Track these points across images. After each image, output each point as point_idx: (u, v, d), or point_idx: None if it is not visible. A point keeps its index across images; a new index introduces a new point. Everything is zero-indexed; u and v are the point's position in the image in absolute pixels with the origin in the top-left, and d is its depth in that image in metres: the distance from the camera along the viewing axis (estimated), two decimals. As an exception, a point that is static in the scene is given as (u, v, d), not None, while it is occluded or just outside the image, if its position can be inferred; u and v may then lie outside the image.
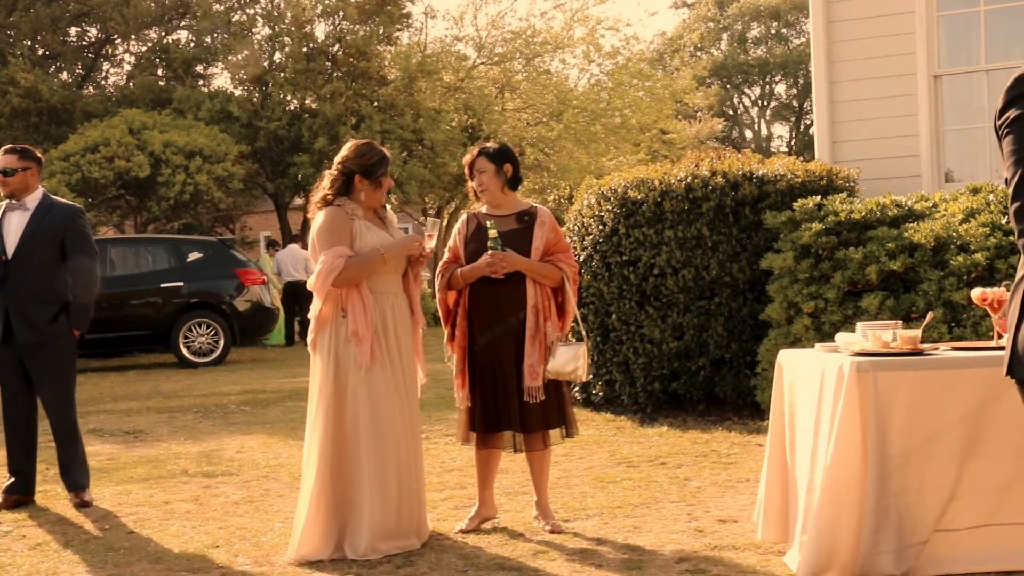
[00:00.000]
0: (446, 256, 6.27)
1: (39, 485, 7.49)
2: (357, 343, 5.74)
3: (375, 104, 26.84)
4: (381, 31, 27.39)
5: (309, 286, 5.90)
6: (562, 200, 31.59)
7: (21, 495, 7.29)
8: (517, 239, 6.13)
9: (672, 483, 7.17)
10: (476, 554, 5.71)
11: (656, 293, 9.56)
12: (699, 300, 9.44)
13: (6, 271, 7.13)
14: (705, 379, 9.52)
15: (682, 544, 5.70)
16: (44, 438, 7.55)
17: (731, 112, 57.12)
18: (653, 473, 7.50)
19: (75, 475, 7.32)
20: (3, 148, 7.43)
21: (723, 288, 9.40)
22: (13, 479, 7.29)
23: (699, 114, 45.73)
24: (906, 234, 8.53)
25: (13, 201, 7.28)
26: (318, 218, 5.94)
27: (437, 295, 6.25)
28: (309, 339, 5.95)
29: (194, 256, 17.77)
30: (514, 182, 6.29)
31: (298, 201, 29.69)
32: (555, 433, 6.22)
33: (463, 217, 6.42)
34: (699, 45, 53.28)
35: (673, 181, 9.59)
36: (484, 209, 6.33)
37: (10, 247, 7.16)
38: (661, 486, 7.09)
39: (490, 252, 6.03)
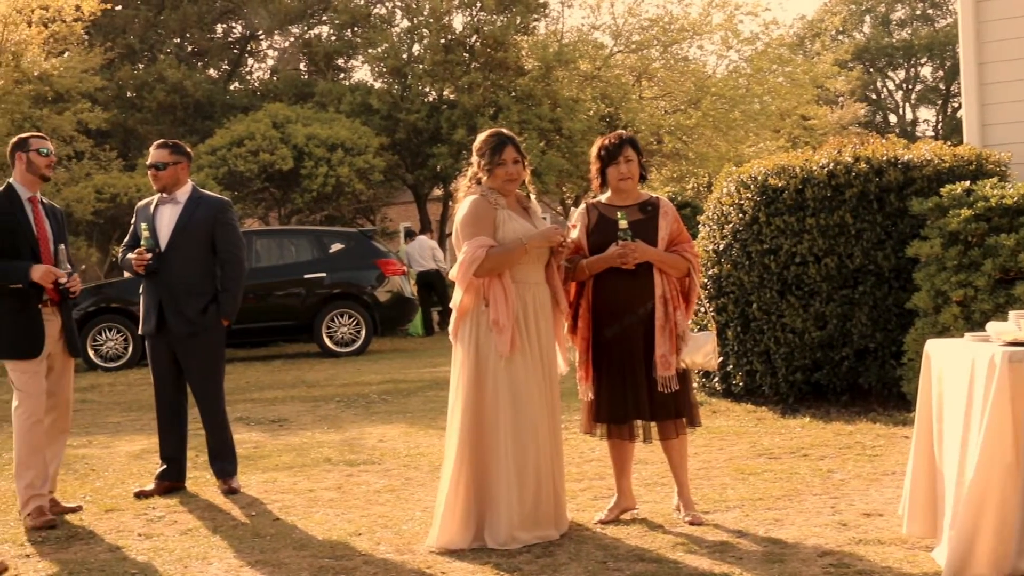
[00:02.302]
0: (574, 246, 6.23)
1: (189, 472, 7.69)
2: (498, 332, 5.76)
3: (513, 94, 26.91)
4: (518, 21, 27.46)
5: (451, 276, 5.94)
6: (700, 188, 31.30)
7: (173, 481, 7.50)
8: (643, 229, 6.09)
9: (815, 475, 7.05)
10: (615, 545, 5.69)
11: (798, 282, 9.41)
12: (842, 289, 9.27)
13: (159, 263, 7.33)
14: (849, 369, 9.34)
15: (825, 538, 5.60)
16: (194, 426, 7.75)
17: (874, 96, 55.92)
18: (795, 465, 7.39)
19: (223, 463, 7.50)
20: (155, 143, 7.65)
21: (867, 276, 9.22)
22: (165, 466, 7.49)
23: (841, 99, 44.85)
24: (1060, 220, 8.25)
25: (164, 195, 7.49)
26: (461, 207, 5.97)
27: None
28: (451, 328, 6.00)
29: (336, 247, 18.04)
30: (643, 175, 6.28)
31: (437, 192, 29.96)
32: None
33: (581, 207, 6.38)
34: (841, 28, 52.30)
35: (815, 168, 9.43)
36: (603, 199, 6.29)
37: (163, 240, 7.37)
38: (803, 478, 6.98)
39: (620, 243, 5.99)
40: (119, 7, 28.31)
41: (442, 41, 27.24)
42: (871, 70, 54.49)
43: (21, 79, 20.49)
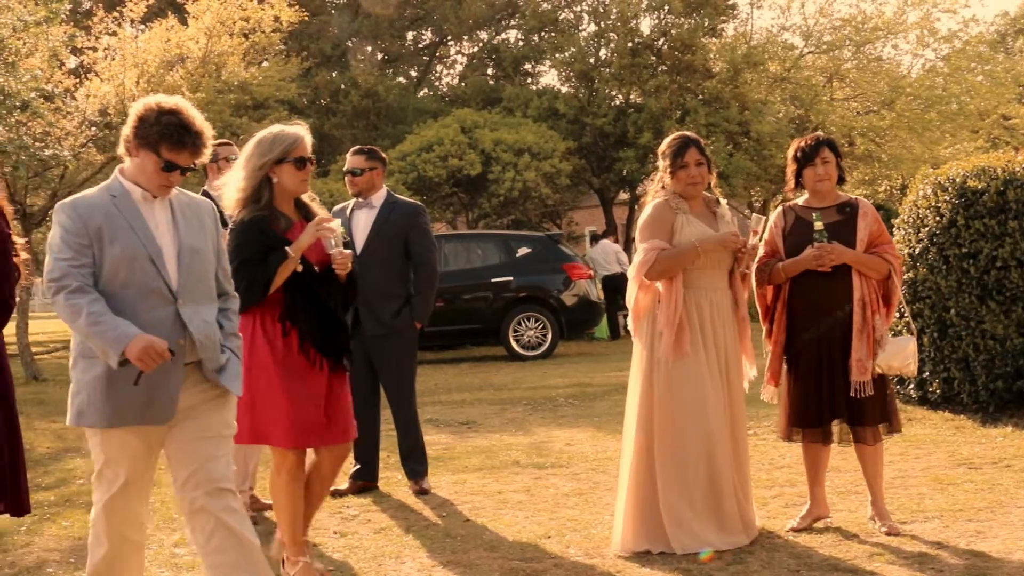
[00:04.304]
0: (762, 251, 6.15)
1: (381, 472, 7.84)
2: (661, 335, 5.75)
3: (700, 97, 26.68)
4: (706, 23, 27.22)
5: (628, 277, 5.98)
6: (894, 191, 30.50)
7: (366, 481, 7.66)
8: (841, 231, 5.99)
9: (1019, 487, 6.79)
10: (808, 554, 5.60)
11: (999, 287, 9.08)
12: (1047, 294, 8.92)
13: (355, 266, 7.50)
14: (1054, 378, 8.98)
15: (1031, 552, 5.40)
16: (386, 426, 7.89)
17: (1081, 94, 53.52)
18: (997, 476, 7.14)
19: (415, 463, 7.63)
20: (352, 149, 7.85)
21: (1074, 282, 8.85)
22: (359, 465, 7.66)
23: (1045, 97, 43.08)
24: None
25: (360, 200, 7.66)
26: (644, 211, 6.02)
27: (755, 290, 6.16)
28: (631, 328, 6.02)
29: (523, 251, 18.17)
30: (841, 177, 6.17)
31: (623, 196, 29.90)
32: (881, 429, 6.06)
33: (778, 210, 6.32)
34: (1045, 24, 50.18)
35: (1018, 169, 9.11)
36: (800, 201, 6.21)
37: (359, 243, 7.54)
38: (1007, 490, 6.73)
39: (816, 244, 5.90)
40: (314, 17, 29.10)
41: (629, 45, 27.18)
42: (1077, 67, 52.17)
43: (223, 89, 21.21)
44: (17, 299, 4.47)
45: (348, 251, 5.37)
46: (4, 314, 4.07)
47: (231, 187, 5.35)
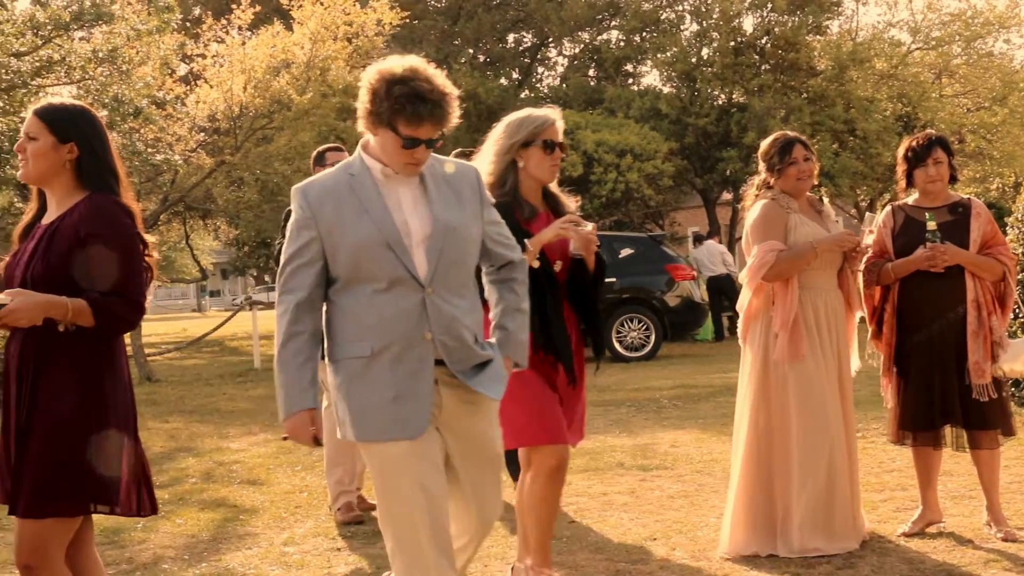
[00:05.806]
0: (870, 251, 6.05)
1: (485, 472, 7.85)
2: (775, 337, 5.69)
3: (804, 96, 26.38)
4: (810, 21, 26.90)
5: (741, 278, 5.92)
6: (1006, 189, 29.86)
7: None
8: (954, 231, 5.88)
9: None
10: (920, 559, 5.50)
11: (1118, 287, 8.85)
12: None
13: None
14: None
15: None
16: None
17: None
18: (1117, 482, 6.95)
19: (519, 465, 7.62)
20: (453, 152, 7.86)
21: None
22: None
23: None
24: None
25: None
26: (752, 211, 5.94)
27: (862, 291, 6.06)
28: (739, 331, 5.96)
29: (626, 252, 18.09)
30: (953, 176, 6.06)
31: (726, 196, 29.69)
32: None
33: (887, 210, 6.21)
34: None
35: None
36: (910, 201, 6.10)
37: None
38: None
39: (930, 245, 5.80)
40: (416, 20, 29.33)
41: (732, 44, 26.96)
42: None
43: (327, 92, 21.48)
44: (148, 299, 4.20)
45: (589, 227, 4.98)
46: (134, 314, 3.92)
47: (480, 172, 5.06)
